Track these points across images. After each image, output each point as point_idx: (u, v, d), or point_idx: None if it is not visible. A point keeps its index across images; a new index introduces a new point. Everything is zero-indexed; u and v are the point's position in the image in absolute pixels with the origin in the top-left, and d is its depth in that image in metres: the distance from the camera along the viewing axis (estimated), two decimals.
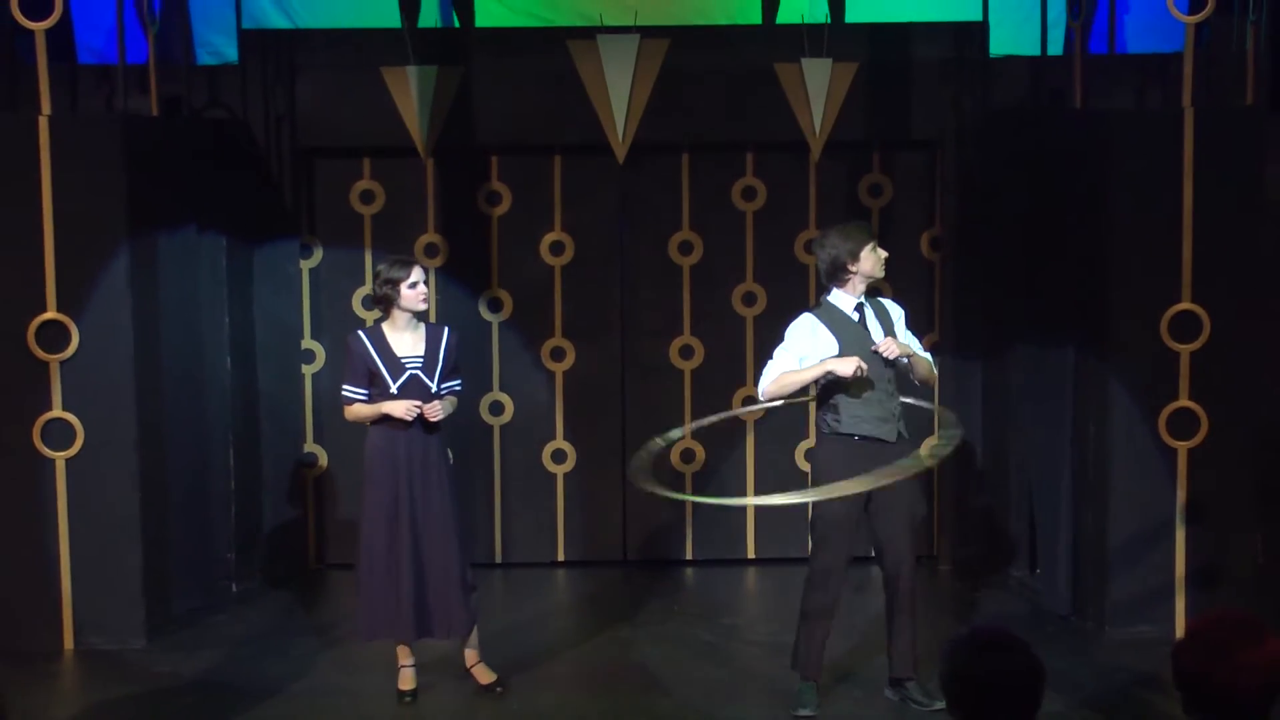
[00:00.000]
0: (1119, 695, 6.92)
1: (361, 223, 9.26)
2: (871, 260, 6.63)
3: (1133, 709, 6.75)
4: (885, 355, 6.56)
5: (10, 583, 7.66)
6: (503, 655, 7.45)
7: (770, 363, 6.66)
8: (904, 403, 6.74)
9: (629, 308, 9.34)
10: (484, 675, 7.03)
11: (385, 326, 6.85)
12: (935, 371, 6.91)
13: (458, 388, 6.97)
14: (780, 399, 6.73)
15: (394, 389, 6.77)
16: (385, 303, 6.81)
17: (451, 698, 7.02)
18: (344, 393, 6.88)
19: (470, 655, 7.05)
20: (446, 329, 6.95)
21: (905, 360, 6.64)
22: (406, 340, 6.83)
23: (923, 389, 7.05)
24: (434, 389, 6.81)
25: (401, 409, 6.70)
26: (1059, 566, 8.29)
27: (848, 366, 6.47)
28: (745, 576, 9.23)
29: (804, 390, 6.74)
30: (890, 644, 6.84)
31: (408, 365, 6.79)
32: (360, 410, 6.82)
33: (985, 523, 9.09)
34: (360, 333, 6.92)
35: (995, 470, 9.02)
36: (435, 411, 6.74)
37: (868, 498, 6.62)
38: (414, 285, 6.77)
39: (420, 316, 6.91)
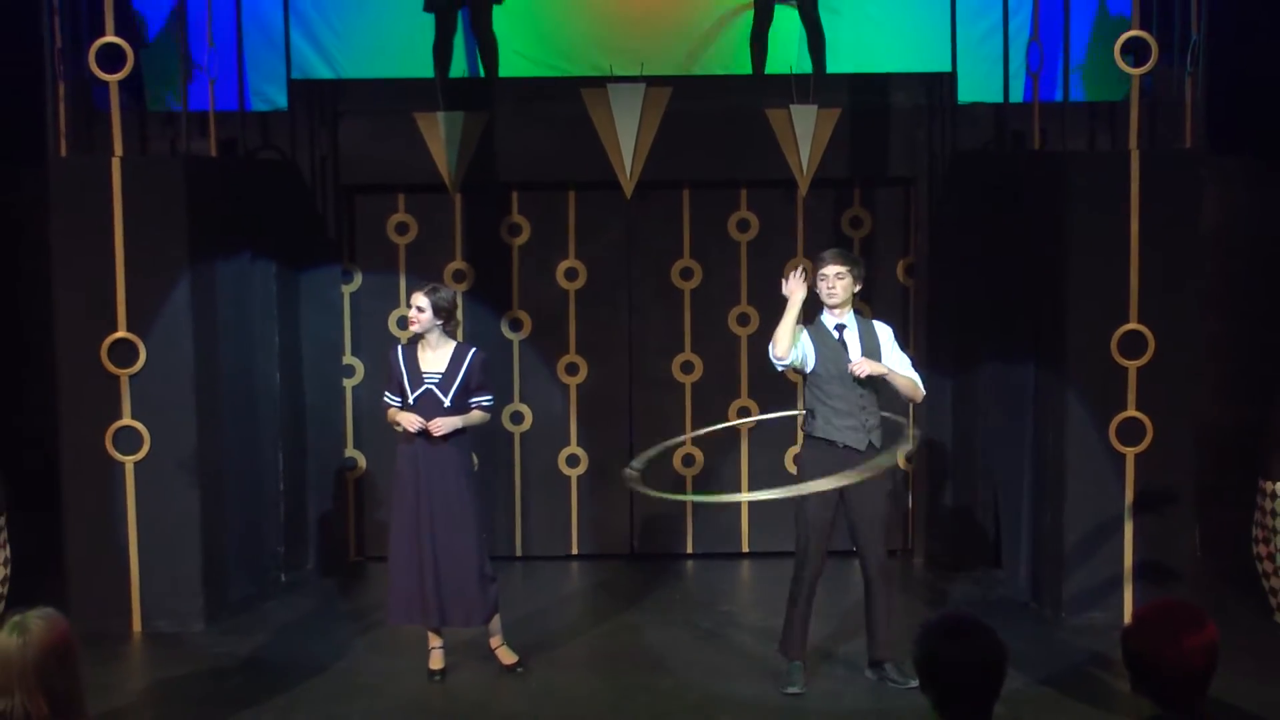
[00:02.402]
0: (1074, 674, 6.92)
1: (396, 251, 9.29)
2: (821, 285, 6.67)
3: (1086, 687, 6.75)
4: (856, 374, 6.59)
5: (86, 573, 7.69)
6: (523, 639, 7.47)
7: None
8: (882, 416, 6.75)
9: (636, 327, 9.35)
10: (506, 656, 7.06)
11: (420, 343, 6.87)
12: (921, 389, 6.81)
13: (485, 403, 6.91)
14: (786, 346, 6.55)
15: (411, 400, 6.79)
16: None
17: (478, 677, 7.03)
18: (383, 398, 6.97)
19: (494, 639, 7.08)
20: (473, 350, 6.91)
21: (882, 377, 6.67)
22: (432, 357, 6.82)
23: (908, 404, 7.02)
24: (446, 403, 6.76)
25: (406, 422, 6.76)
26: (1020, 559, 8.31)
27: (797, 290, 6.54)
28: (740, 568, 9.22)
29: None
30: (869, 629, 6.85)
31: (426, 380, 6.78)
32: (391, 414, 6.90)
33: (955, 520, 9.09)
34: (398, 347, 6.96)
35: (964, 473, 9.04)
36: (437, 428, 6.71)
37: (842, 498, 6.67)
38: (410, 308, 6.83)
39: (453, 335, 6.92)
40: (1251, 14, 8.98)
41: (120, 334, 7.60)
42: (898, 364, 6.74)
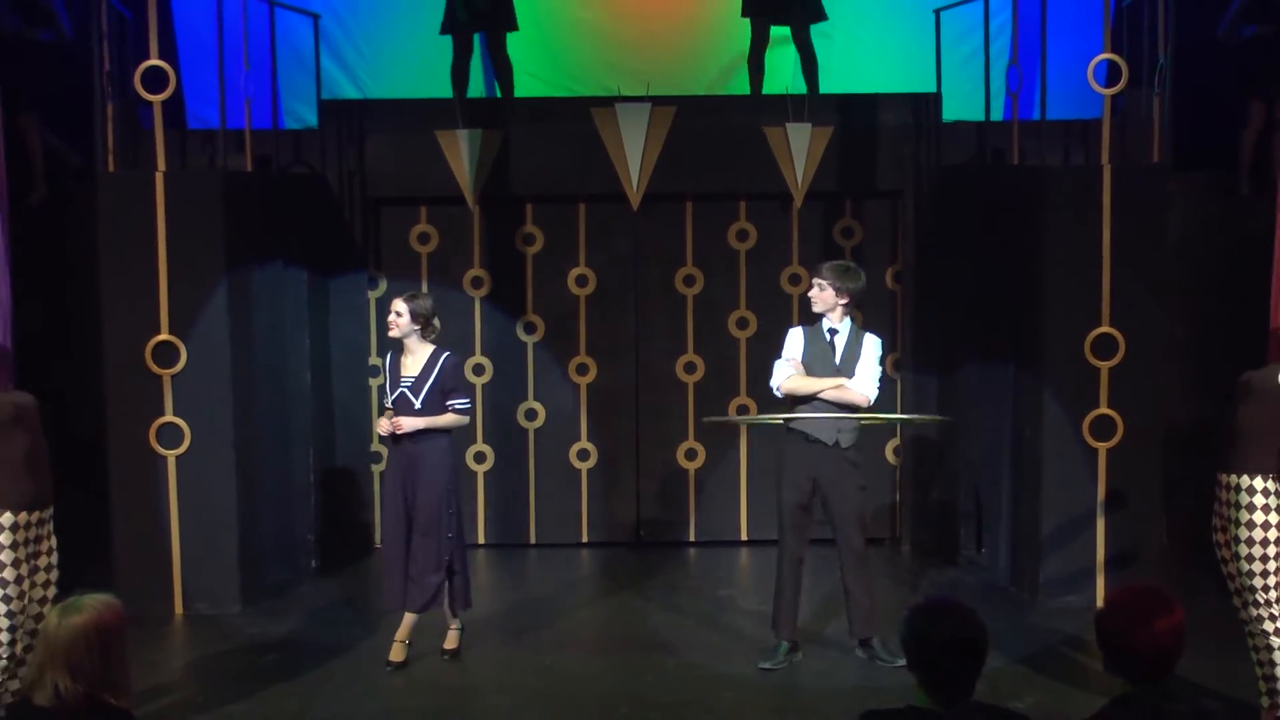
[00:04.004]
0: (1050, 654, 6.93)
1: (419, 260, 9.31)
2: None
3: (1061, 665, 6.76)
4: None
5: (131, 559, 7.71)
6: (536, 620, 7.48)
7: (777, 364, 6.75)
8: (855, 419, 6.71)
9: (642, 330, 9.36)
10: (451, 640, 6.98)
11: (404, 350, 6.82)
12: (856, 396, 6.61)
13: (459, 405, 6.79)
14: (788, 393, 6.71)
15: (389, 403, 6.79)
16: None
17: (494, 656, 7.05)
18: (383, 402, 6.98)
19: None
20: (446, 354, 6.81)
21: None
22: (409, 361, 6.78)
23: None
24: (417, 405, 6.71)
25: (378, 425, 6.80)
26: (1000, 546, 8.32)
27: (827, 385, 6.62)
28: (739, 555, 9.22)
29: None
30: (848, 608, 6.86)
31: (402, 383, 6.75)
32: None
33: (940, 510, 9.11)
34: (389, 353, 6.92)
35: (948, 466, 9.05)
36: (399, 426, 6.67)
37: (815, 490, 6.71)
38: (390, 314, 6.80)
39: (431, 341, 6.84)
40: (1215, 38, 9.01)
41: (163, 336, 7.62)
42: (857, 371, 6.67)
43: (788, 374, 6.70)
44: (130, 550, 7.73)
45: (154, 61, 7.60)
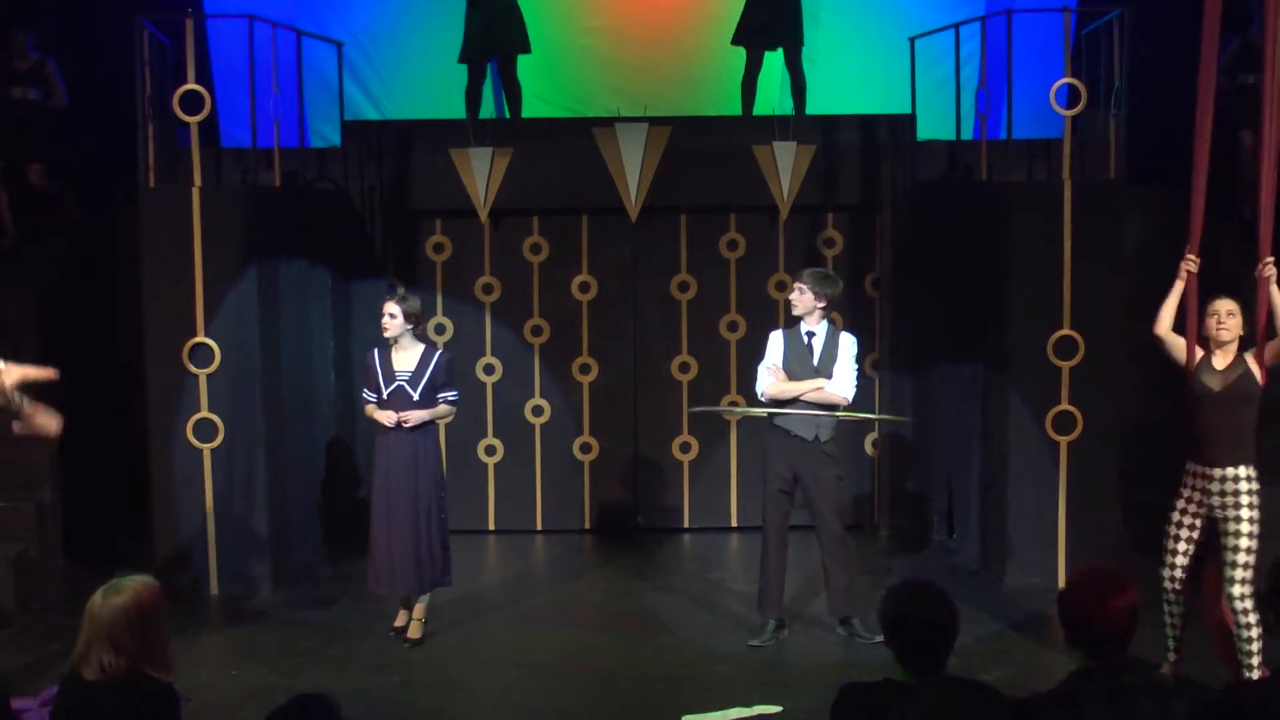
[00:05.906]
0: (1016, 631, 6.96)
1: (434, 268, 9.32)
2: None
3: (1026, 641, 6.79)
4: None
5: (171, 545, 7.72)
6: (541, 602, 7.49)
7: (760, 369, 6.77)
8: (835, 417, 6.74)
9: (639, 333, 9.37)
10: (416, 630, 6.90)
11: (394, 346, 6.75)
12: (834, 395, 6.63)
13: (450, 398, 6.78)
14: (772, 398, 6.71)
15: (385, 396, 6.70)
16: None
17: (502, 635, 7.07)
18: (362, 396, 6.92)
19: (418, 608, 6.92)
20: (439, 351, 6.78)
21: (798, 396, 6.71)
22: (403, 357, 6.72)
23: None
24: (415, 398, 6.66)
25: (381, 417, 6.67)
26: (970, 532, 8.34)
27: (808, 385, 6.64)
28: (730, 540, 9.23)
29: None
30: (827, 589, 6.88)
31: (398, 377, 6.69)
32: (369, 411, 6.84)
33: (914, 499, 9.13)
34: (375, 350, 6.83)
35: (922, 458, 9.07)
36: (407, 419, 6.63)
37: (796, 480, 6.72)
38: (382, 315, 6.74)
39: (421, 338, 6.82)
40: (1166, 64, 9.03)
41: (199, 339, 7.65)
42: (835, 371, 6.68)
43: (771, 380, 6.73)
44: (169, 536, 7.74)
45: (191, 86, 7.65)
